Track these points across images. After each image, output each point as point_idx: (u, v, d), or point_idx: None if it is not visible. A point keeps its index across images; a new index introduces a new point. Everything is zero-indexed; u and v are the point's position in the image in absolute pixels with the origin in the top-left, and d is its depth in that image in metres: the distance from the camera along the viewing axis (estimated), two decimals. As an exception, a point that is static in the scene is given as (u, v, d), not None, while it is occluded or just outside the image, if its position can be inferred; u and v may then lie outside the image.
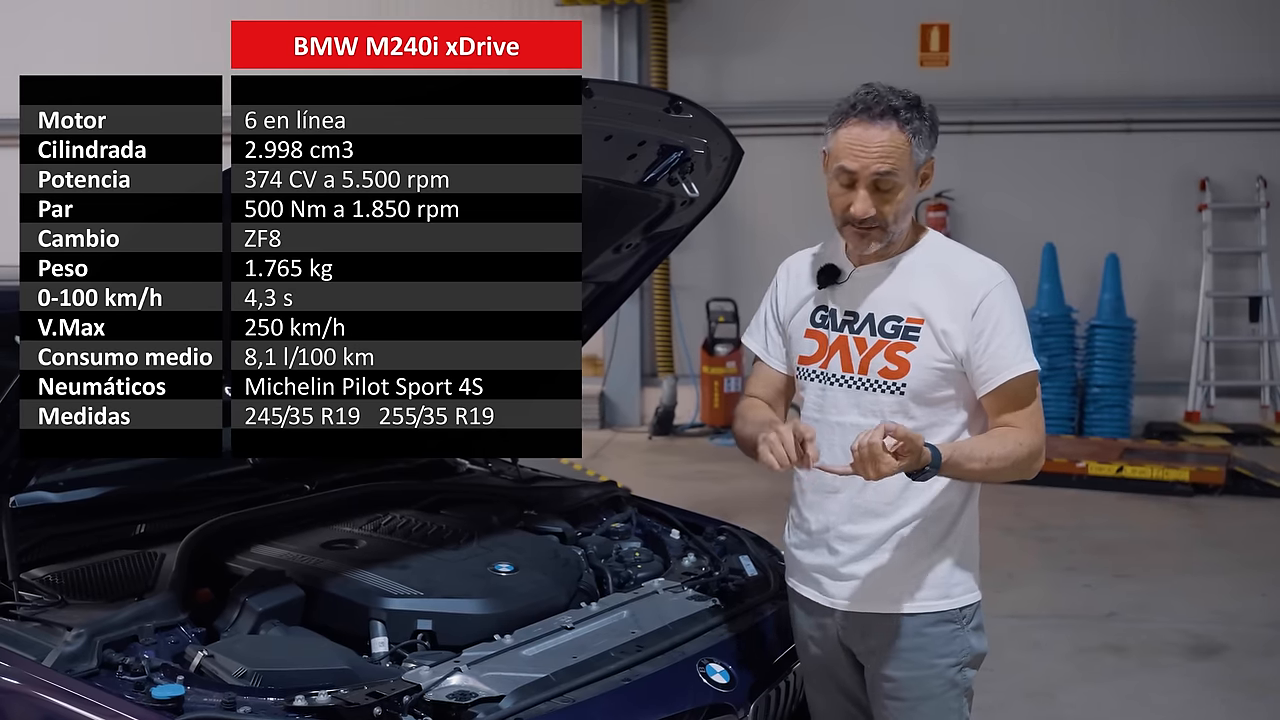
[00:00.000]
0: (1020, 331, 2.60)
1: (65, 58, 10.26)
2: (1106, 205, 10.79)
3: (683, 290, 11.16)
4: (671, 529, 3.50)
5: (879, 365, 2.62)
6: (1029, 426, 2.59)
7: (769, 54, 10.82)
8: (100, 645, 2.40)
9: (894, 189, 2.55)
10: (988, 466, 2.54)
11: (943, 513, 2.64)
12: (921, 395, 2.60)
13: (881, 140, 2.53)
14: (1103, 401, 10.17)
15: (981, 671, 2.76)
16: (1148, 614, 5.97)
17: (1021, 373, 2.57)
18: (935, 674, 2.64)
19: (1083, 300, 10.34)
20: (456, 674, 2.51)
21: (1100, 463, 8.68)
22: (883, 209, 2.56)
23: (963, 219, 10.90)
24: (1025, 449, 2.58)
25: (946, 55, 10.89)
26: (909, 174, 2.56)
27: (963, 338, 2.58)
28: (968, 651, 2.67)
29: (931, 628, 2.64)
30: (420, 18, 9.69)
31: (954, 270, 2.63)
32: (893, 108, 2.53)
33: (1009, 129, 10.85)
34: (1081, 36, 10.72)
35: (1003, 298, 2.59)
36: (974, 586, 2.70)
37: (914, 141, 2.54)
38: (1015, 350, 2.58)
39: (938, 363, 2.59)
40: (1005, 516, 7.88)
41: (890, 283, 2.65)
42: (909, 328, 2.61)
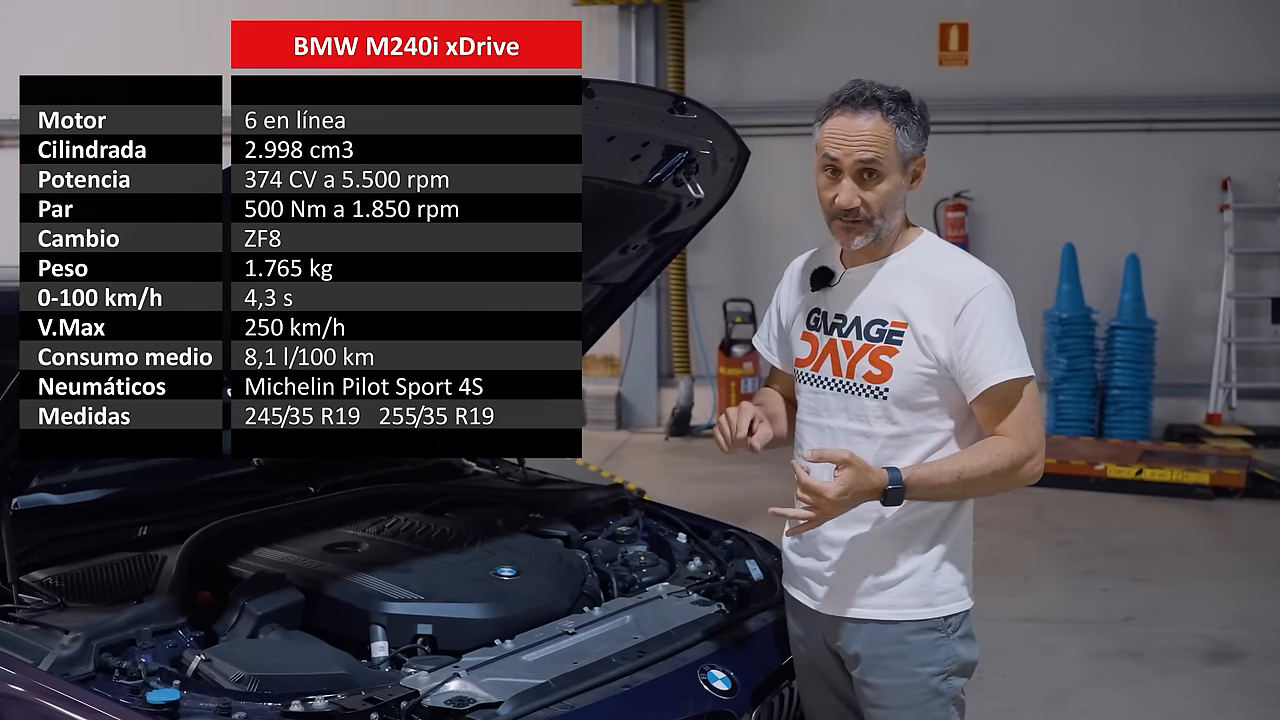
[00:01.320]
0: (1006, 337, 2.53)
1: (66, 58, 10.29)
2: (1127, 205, 10.71)
3: (699, 290, 11.12)
4: (678, 533, 3.47)
5: (864, 369, 2.60)
6: (1015, 434, 2.53)
7: (786, 53, 10.77)
8: (97, 649, 2.39)
9: (878, 179, 2.53)
10: (960, 480, 2.51)
11: (929, 520, 2.61)
12: (905, 400, 2.57)
13: (865, 129, 2.52)
14: (1123, 403, 10.08)
15: (994, 676, 2.74)
16: (1165, 618, 5.92)
17: (1004, 379, 2.52)
18: (918, 682, 2.61)
19: (1103, 301, 10.25)
20: (455, 679, 2.49)
21: (1119, 465, 8.62)
22: (867, 199, 2.54)
23: (982, 219, 10.84)
24: (1005, 459, 2.52)
25: (965, 54, 10.82)
26: (894, 164, 2.54)
27: (945, 344, 2.54)
28: (953, 660, 2.63)
29: (914, 635, 2.61)
30: (435, 17, 9.70)
31: (939, 274, 2.59)
32: (876, 98, 2.53)
33: (1028, 128, 10.77)
34: (1102, 35, 10.64)
35: (987, 303, 2.54)
36: (963, 595, 2.66)
37: (899, 132, 2.52)
38: (999, 356, 2.52)
39: (920, 368, 2.56)
40: (1023, 519, 7.83)
41: (877, 285, 2.62)
42: (893, 332, 2.58)
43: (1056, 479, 8.61)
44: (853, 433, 2.62)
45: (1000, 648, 5.38)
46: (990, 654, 5.33)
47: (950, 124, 10.84)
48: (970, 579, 2.67)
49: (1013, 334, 2.55)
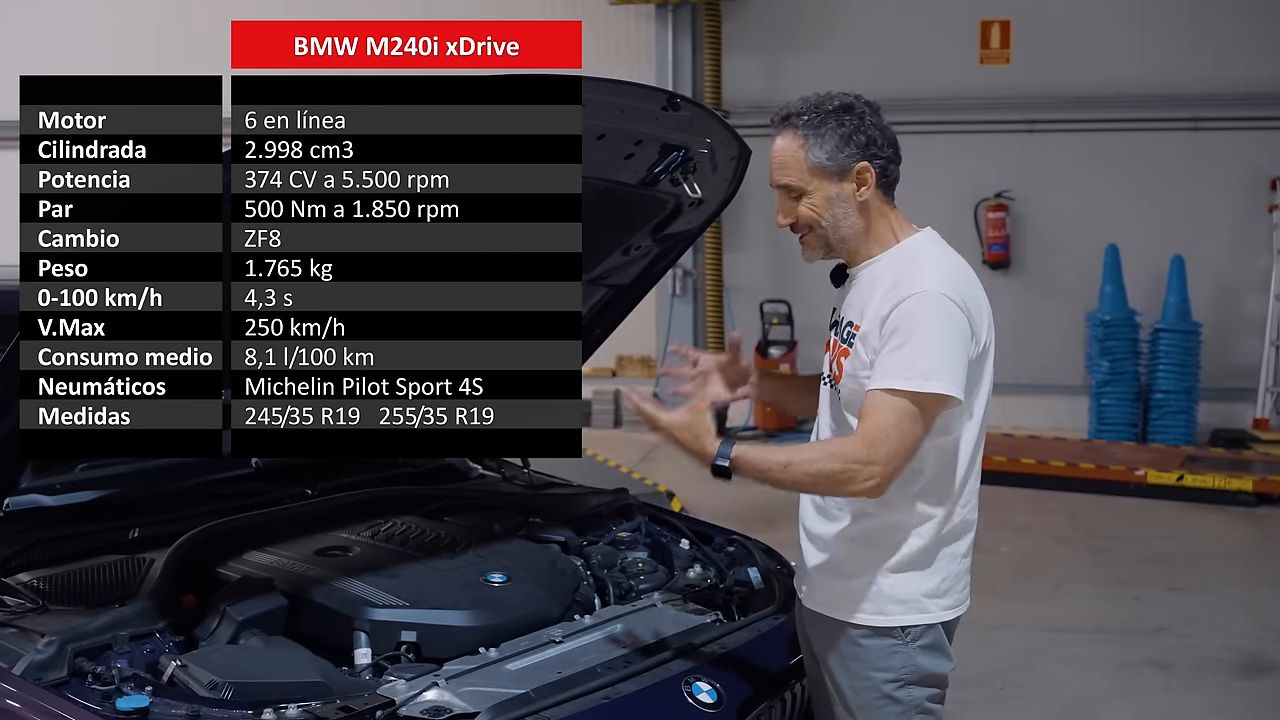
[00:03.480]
0: (920, 348, 2.39)
1: (66, 58, 10.38)
2: (1172, 205, 10.52)
3: (736, 291, 11.06)
4: (680, 539, 3.41)
5: (833, 368, 2.62)
6: (862, 440, 2.40)
7: (825, 52, 10.68)
8: (72, 654, 2.36)
9: (799, 194, 2.54)
10: (786, 474, 2.41)
11: (892, 528, 2.54)
12: (851, 404, 2.53)
13: (778, 150, 2.55)
14: (1167, 408, 9.90)
15: (1016, 686, 2.67)
16: (1198, 629, 5.78)
17: (885, 387, 2.40)
18: (870, 686, 2.55)
19: (1147, 303, 10.09)
20: (434, 688, 2.45)
21: (1160, 470, 8.45)
22: (799, 214, 2.55)
23: (1023, 219, 10.70)
24: (836, 462, 2.38)
25: (1007, 52, 10.68)
26: (810, 179, 2.52)
27: (874, 344, 2.47)
28: (912, 670, 2.55)
29: (868, 639, 2.56)
30: (471, 17, 9.70)
31: (897, 274, 2.51)
32: (788, 114, 2.55)
33: (1071, 127, 10.63)
34: (1147, 31, 10.46)
35: (916, 309, 2.42)
36: (925, 608, 2.55)
37: (810, 142, 2.51)
38: (897, 365, 2.40)
39: (860, 371, 2.50)
40: (1058, 525, 7.71)
41: (860, 286, 2.60)
42: (851, 334, 2.56)
43: (1094, 484, 8.48)
44: (829, 429, 2.64)
45: (1024, 657, 5.30)
46: (1013, 663, 5.30)
47: (991, 123, 10.76)
48: (947, 594, 2.57)
49: (932, 347, 2.40)
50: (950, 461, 2.53)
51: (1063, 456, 8.94)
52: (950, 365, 2.41)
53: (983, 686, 4.83)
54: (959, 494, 2.57)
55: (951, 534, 2.57)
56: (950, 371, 2.41)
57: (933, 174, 10.64)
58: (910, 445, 2.41)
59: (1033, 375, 10.73)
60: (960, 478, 2.57)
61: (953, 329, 2.42)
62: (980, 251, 10.64)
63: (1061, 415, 10.52)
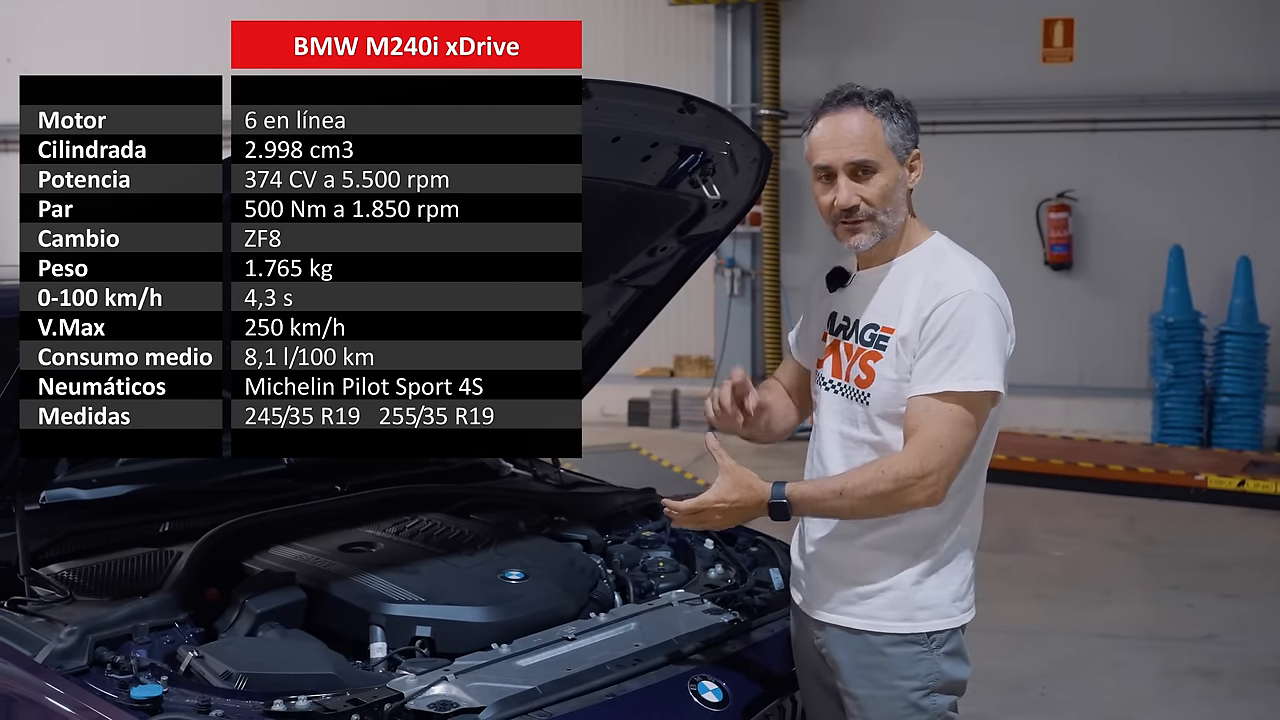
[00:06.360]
0: (967, 351, 2.39)
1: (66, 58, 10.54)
2: (1239, 206, 10.32)
3: (794, 291, 11.00)
4: (705, 538, 3.42)
5: (855, 373, 2.55)
6: (912, 452, 2.39)
7: (885, 52, 10.60)
8: (93, 643, 2.42)
9: (873, 172, 2.49)
10: (842, 501, 2.41)
11: (914, 534, 2.50)
12: (884, 409, 2.49)
13: (851, 126, 2.50)
14: (1232, 411, 9.70)
15: (1057, 692, 2.64)
16: (1248, 637, 5.68)
17: (933, 391, 2.39)
18: (896, 695, 2.52)
19: (1212, 305, 9.90)
20: (442, 683, 2.48)
21: (1221, 475, 8.30)
22: (866, 195, 2.49)
23: (1086, 220, 10.55)
24: (888, 479, 2.38)
25: (1070, 51, 10.54)
26: (886, 156, 2.49)
27: (914, 347, 2.45)
28: (937, 677, 2.53)
29: (893, 648, 2.52)
30: (532, 17, 9.76)
31: (932, 274, 2.49)
32: (857, 94, 2.51)
33: (1135, 127, 10.45)
34: (1213, 29, 10.26)
35: (961, 307, 2.41)
36: (951, 612, 2.54)
37: (885, 124, 2.49)
38: (948, 367, 2.39)
39: (896, 374, 2.47)
40: (1114, 530, 7.61)
41: (880, 288, 2.56)
42: (881, 336, 2.52)
43: (1153, 489, 8.35)
44: (841, 435, 2.58)
45: (1068, 663, 5.23)
46: (1057, 668, 5.25)
47: (1054, 122, 10.62)
48: (965, 596, 2.56)
49: (980, 349, 2.40)
50: (974, 463, 2.51)
51: (1122, 460, 8.81)
52: (999, 364, 2.43)
53: (1023, 691, 4.79)
54: (976, 494, 2.57)
55: (971, 535, 2.57)
56: (999, 371, 2.43)
57: (994, 174, 10.55)
58: (964, 450, 2.42)
59: (1095, 378, 10.58)
60: (980, 479, 2.57)
61: (997, 329, 2.44)
62: (1042, 252, 10.53)
63: (1124, 418, 10.36)
